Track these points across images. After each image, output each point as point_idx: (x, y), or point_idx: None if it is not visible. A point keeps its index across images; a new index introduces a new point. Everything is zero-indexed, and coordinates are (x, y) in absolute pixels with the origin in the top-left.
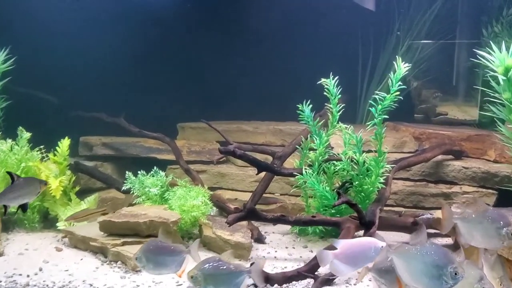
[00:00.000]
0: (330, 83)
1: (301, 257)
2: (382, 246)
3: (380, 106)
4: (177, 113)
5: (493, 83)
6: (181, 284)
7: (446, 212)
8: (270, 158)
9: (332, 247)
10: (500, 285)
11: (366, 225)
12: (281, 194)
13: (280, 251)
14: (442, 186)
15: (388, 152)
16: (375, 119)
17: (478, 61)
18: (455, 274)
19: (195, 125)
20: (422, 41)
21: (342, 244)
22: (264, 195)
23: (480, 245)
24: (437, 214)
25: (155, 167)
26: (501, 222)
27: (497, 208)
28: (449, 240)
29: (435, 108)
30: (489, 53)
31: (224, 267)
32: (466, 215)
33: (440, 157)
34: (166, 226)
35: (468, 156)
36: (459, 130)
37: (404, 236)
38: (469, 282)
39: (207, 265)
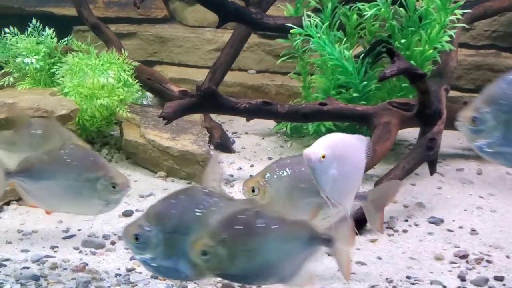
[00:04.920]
0: None
1: None
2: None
3: None
4: None
5: None
6: None
7: None
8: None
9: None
10: None
11: (429, 118)
12: (258, 72)
13: (259, 165)
14: None
15: None
16: None
17: None
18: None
19: None
20: None
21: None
22: (231, 72)
23: None
24: None
25: (46, 28)
26: None
27: None
28: None
29: None
30: None
31: None
32: None
33: None
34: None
35: None
36: None
37: None
38: None
39: None
